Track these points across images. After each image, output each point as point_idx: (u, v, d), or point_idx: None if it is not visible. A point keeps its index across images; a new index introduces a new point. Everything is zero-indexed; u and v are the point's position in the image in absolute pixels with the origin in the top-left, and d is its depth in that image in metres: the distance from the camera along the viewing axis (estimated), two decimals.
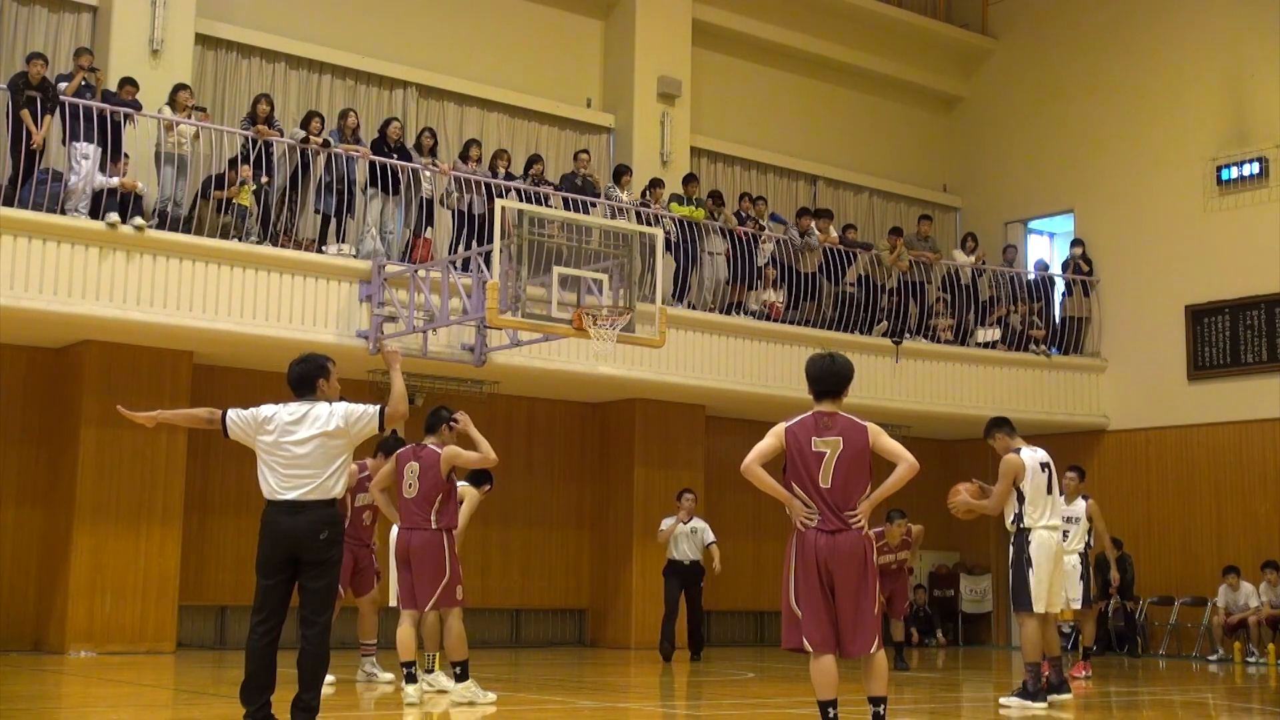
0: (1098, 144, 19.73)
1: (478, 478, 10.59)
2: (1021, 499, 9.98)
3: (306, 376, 6.84)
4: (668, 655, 14.81)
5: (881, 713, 6.60)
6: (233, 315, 13.37)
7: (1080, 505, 13.16)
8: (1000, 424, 10.35)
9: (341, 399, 6.96)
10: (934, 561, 20.22)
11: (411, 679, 9.19)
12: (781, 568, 6.54)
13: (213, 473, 14.81)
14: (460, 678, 9.24)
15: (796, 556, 6.58)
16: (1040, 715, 9.53)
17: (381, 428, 6.82)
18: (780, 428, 6.68)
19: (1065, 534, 11.57)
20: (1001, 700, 10.11)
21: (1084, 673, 12.95)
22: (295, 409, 6.76)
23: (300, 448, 6.63)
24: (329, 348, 12.14)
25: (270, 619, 6.60)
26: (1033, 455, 10.11)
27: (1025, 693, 9.94)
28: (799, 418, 6.69)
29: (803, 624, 6.52)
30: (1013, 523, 10.04)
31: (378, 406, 6.84)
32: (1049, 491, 10.09)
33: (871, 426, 6.70)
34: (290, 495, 6.60)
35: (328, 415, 6.72)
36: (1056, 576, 10.02)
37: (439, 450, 9.21)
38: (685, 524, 15.12)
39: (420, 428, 9.27)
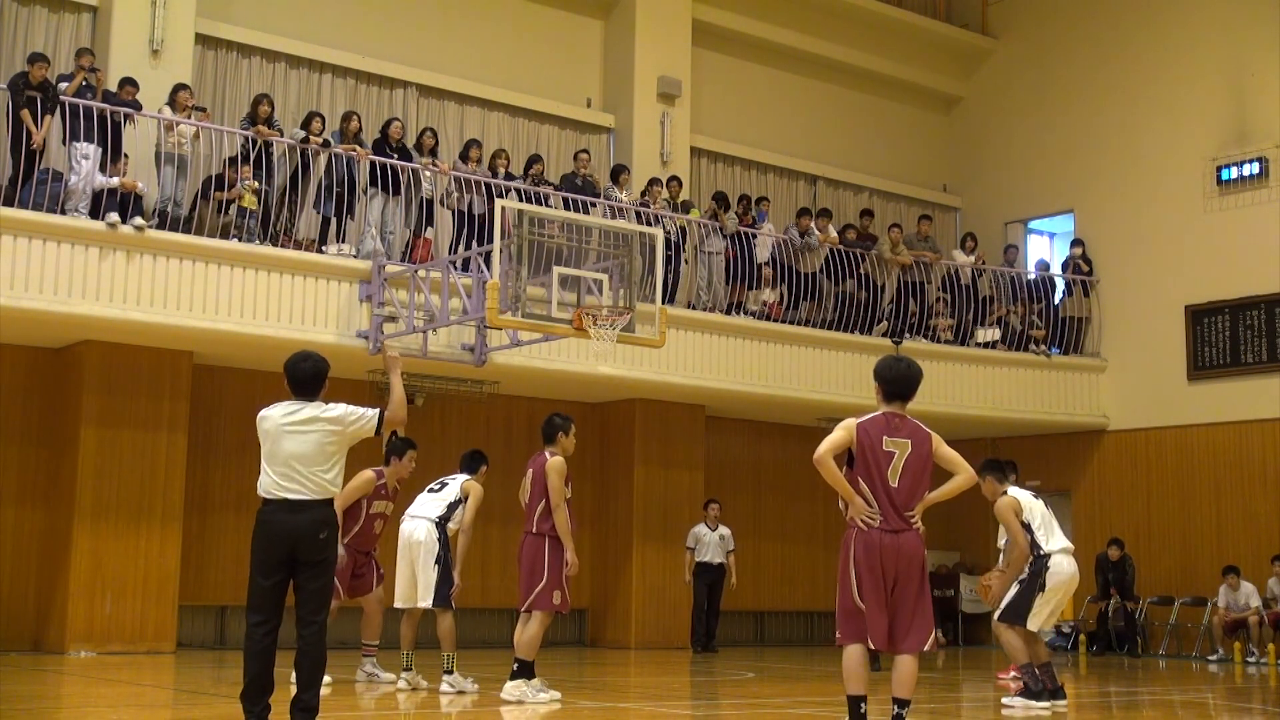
0: (1098, 144, 19.73)
1: (472, 461, 10.61)
2: (1029, 529, 9.93)
3: (318, 375, 6.76)
4: (701, 646, 16.63)
5: (904, 715, 6.70)
6: (233, 315, 13.36)
7: None
8: (994, 467, 10.23)
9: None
10: (934, 561, 20.19)
11: (515, 675, 9.41)
12: (779, 569, 6.56)
13: (213, 473, 14.80)
14: (515, 675, 9.39)
15: (860, 555, 6.64)
16: (1044, 715, 9.53)
17: (379, 431, 6.75)
18: (851, 422, 6.77)
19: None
20: (1004, 700, 10.10)
21: None
22: (292, 407, 6.68)
23: (299, 446, 6.56)
24: (329, 348, 12.15)
25: (269, 620, 6.53)
26: (1021, 496, 10.13)
27: (1028, 693, 9.93)
28: (869, 416, 6.81)
29: (869, 620, 6.61)
30: (1030, 550, 9.95)
31: (377, 410, 6.78)
32: (1051, 517, 10.10)
33: (935, 435, 6.88)
34: (288, 494, 6.53)
35: (325, 413, 6.66)
36: (1061, 601, 10.01)
37: (547, 460, 9.66)
38: (713, 530, 16.77)
39: (421, 429, 9.33)
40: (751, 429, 18.97)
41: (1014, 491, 10.09)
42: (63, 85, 13.07)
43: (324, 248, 14.19)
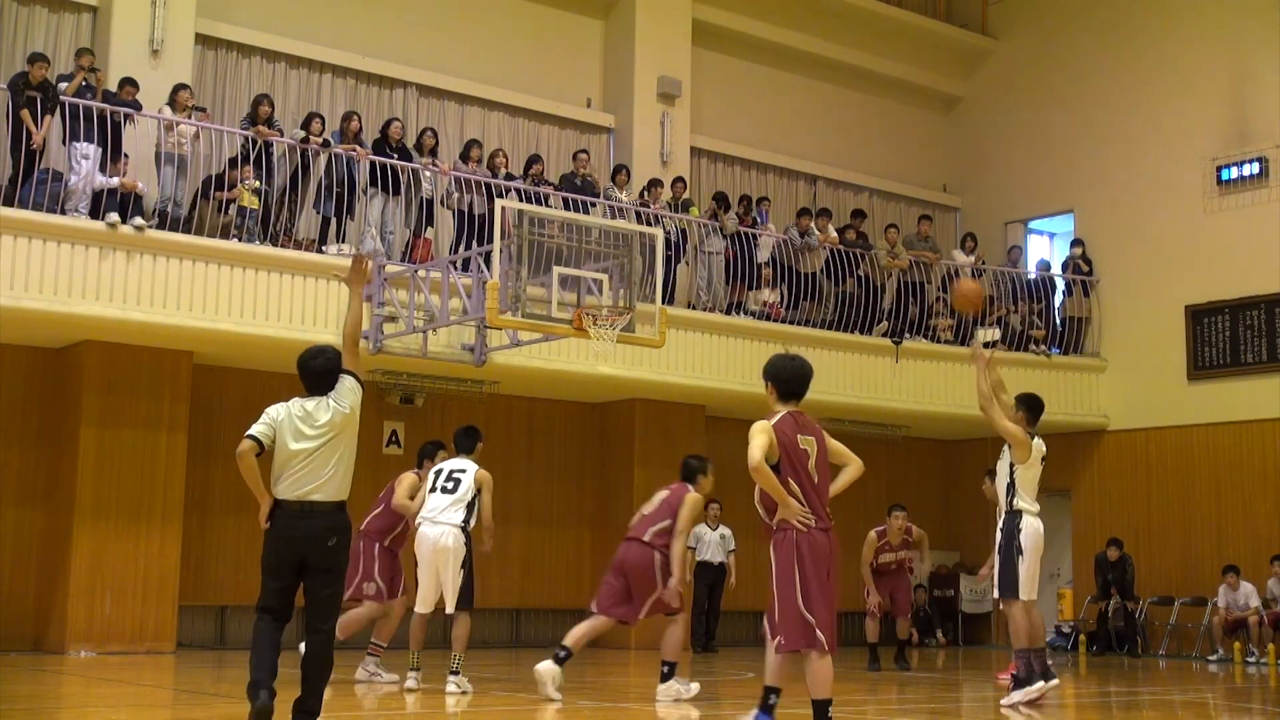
0: (1098, 144, 19.73)
1: (468, 439, 10.38)
2: (1012, 487, 9.87)
3: (331, 371, 6.63)
4: (701, 646, 16.70)
5: (830, 716, 6.68)
6: (233, 315, 13.37)
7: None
8: (1030, 405, 10.14)
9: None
10: (934, 561, 20.19)
11: (666, 678, 9.89)
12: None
13: (213, 473, 14.79)
14: (665, 678, 9.88)
15: (805, 557, 6.56)
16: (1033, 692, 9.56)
17: (360, 379, 6.62)
18: (768, 424, 6.67)
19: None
20: (1003, 701, 10.05)
21: None
22: (304, 405, 6.58)
23: (311, 444, 6.48)
24: None
25: (278, 619, 6.51)
26: (1040, 448, 10.06)
27: (1018, 683, 9.89)
28: (777, 416, 6.72)
29: (822, 621, 6.53)
30: (1006, 496, 9.94)
31: (350, 376, 6.65)
32: (1038, 483, 10.10)
33: (823, 430, 6.87)
34: (298, 496, 6.45)
35: (339, 405, 6.56)
36: (1038, 564, 10.00)
37: (688, 492, 10.04)
38: (713, 530, 16.79)
39: (421, 429, 9.28)
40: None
41: (1038, 443, 10.01)
42: (63, 85, 13.07)
43: (324, 248, 14.19)
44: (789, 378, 6.83)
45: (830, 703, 6.61)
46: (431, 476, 10.05)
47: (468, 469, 10.05)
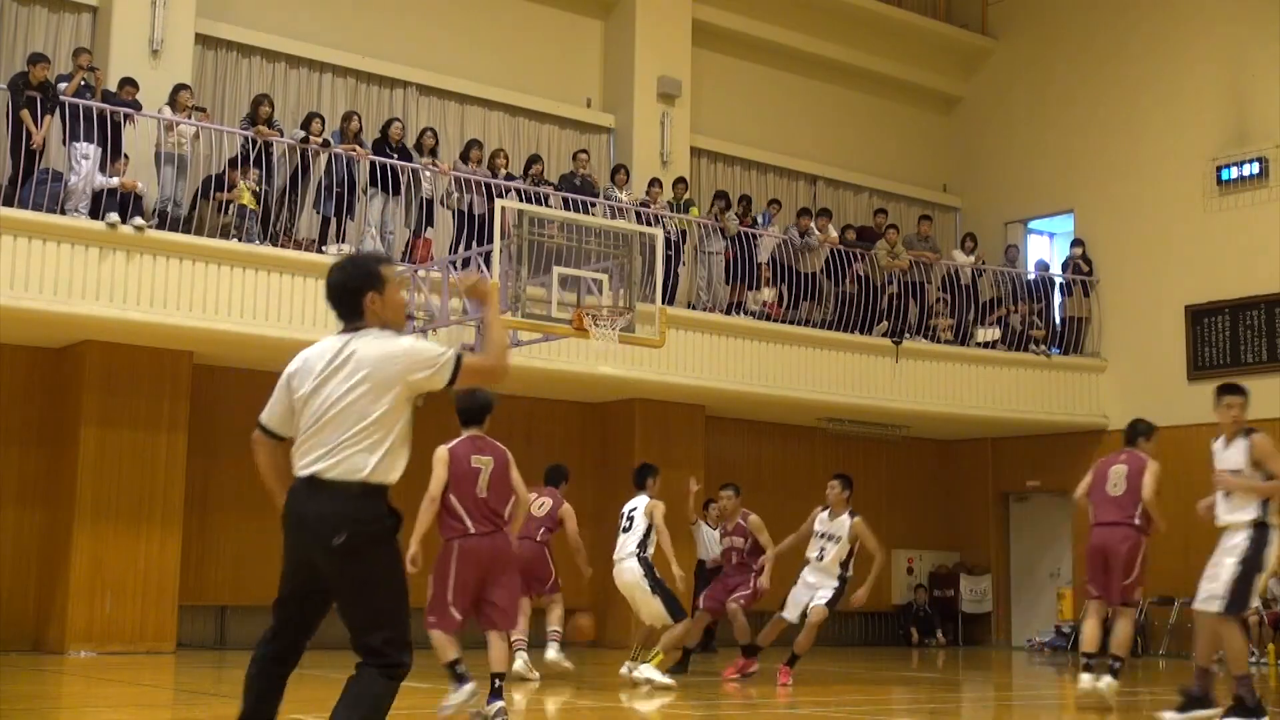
0: (1098, 144, 19.72)
1: (642, 475, 11.72)
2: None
3: (347, 289, 4.75)
4: (701, 646, 16.21)
5: (502, 686, 7.89)
6: (233, 315, 13.37)
7: (844, 522, 11.80)
8: (1235, 391, 9.45)
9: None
10: (934, 561, 20.21)
11: (1088, 669, 10.14)
12: (778, 569, 6.62)
13: (213, 473, 14.79)
14: (1114, 674, 10.08)
15: (457, 560, 7.85)
16: None
17: (452, 382, 4.71)
18: (443, 450, 7.98)
19: (821, 553, 11.81)
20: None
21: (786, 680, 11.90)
22: (329, 345, 4.73)
23: (330, 395, 4.57)
24: None
25: (279, 635, 4.66)
26: None
27: (1243, 709, 8.64)
28: (455, 441, 8.04)
29: (449, 611, 7.85)
30: (1258, 511, 9.05)
31: (454, 353, 4.73)
32: None
33: (509, 454, 8.21)
34: (306, 468, 4.53)
35: (379, 351, 4.63)
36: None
37: (1146, 462, 10.92)
38: (714, 530, 16.33)
39: (421, 431, 9.27)
40: (751, 429, 18.96)
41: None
42: (62, 85, 13.07)
43: (324, 248, 14.19)
44: (463, 409, 8.15)
45: (459, 661, 7.89)
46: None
47: (638, 505, 11.68)
